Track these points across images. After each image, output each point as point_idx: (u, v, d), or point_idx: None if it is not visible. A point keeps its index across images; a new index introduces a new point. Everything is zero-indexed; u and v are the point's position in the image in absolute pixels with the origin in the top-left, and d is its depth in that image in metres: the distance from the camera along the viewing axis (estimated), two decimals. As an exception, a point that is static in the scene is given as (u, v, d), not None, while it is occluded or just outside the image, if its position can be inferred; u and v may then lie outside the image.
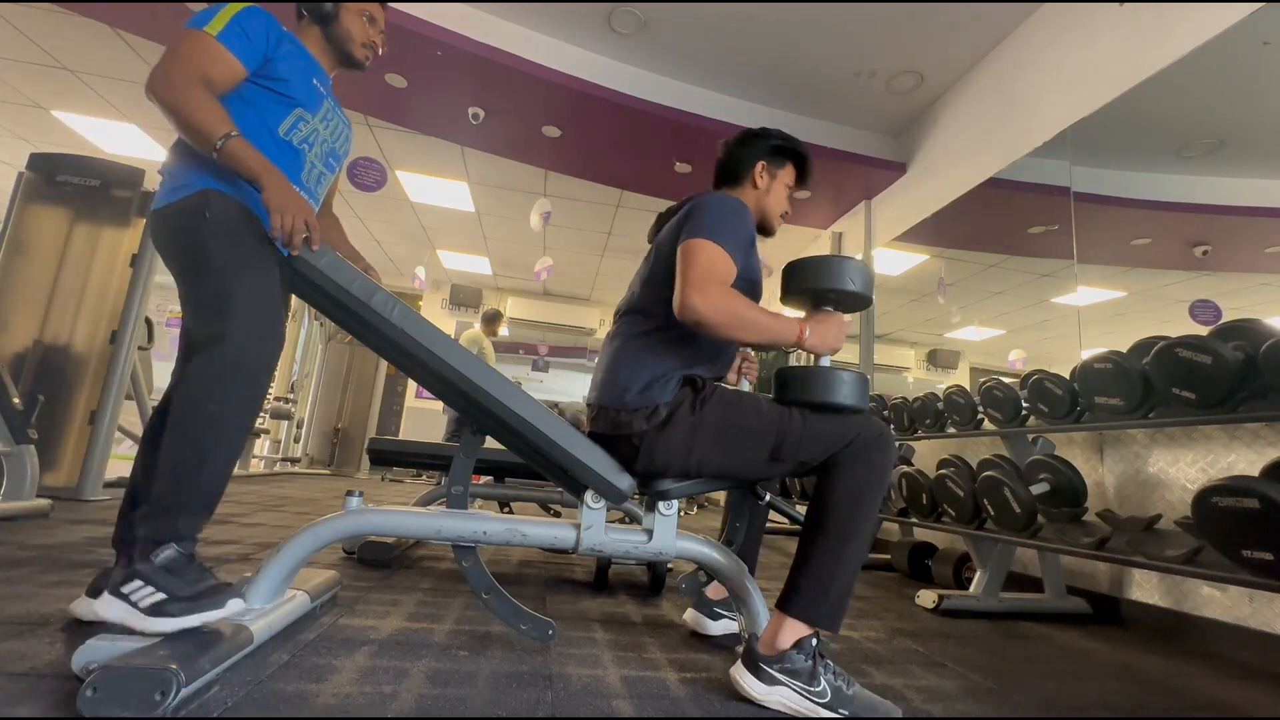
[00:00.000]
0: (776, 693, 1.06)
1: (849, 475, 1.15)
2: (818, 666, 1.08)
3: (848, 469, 1.16)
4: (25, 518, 2.33)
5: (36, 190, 3.25)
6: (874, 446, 1.17)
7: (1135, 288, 3.11)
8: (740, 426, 1.21)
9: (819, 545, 1.13)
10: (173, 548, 1.04)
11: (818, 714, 1.05)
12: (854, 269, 1.23)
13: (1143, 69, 2.39)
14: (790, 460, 1.19)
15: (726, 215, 1.26)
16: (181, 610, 0.99)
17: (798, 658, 1.08)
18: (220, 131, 1.05)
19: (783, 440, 1.19)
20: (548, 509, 2.88)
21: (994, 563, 2.05)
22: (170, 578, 1.01)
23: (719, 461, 1.23)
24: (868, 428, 1.18)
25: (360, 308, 1.17)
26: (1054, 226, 2.91)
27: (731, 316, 1.16)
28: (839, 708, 1.05)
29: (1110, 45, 2.58)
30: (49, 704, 0.85)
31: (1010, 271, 4.01)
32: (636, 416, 1.22)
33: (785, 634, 1.10)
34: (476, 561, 1.30)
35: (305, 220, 1.08)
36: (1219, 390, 1.45)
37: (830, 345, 1.24)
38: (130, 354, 3.21)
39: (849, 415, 1.20)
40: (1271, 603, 1.65)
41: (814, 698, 1.05)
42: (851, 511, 1.13)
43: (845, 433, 1.18)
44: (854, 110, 3.94)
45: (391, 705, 0.94)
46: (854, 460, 1.16)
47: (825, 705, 1.05)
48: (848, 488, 1.15)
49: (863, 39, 3.29)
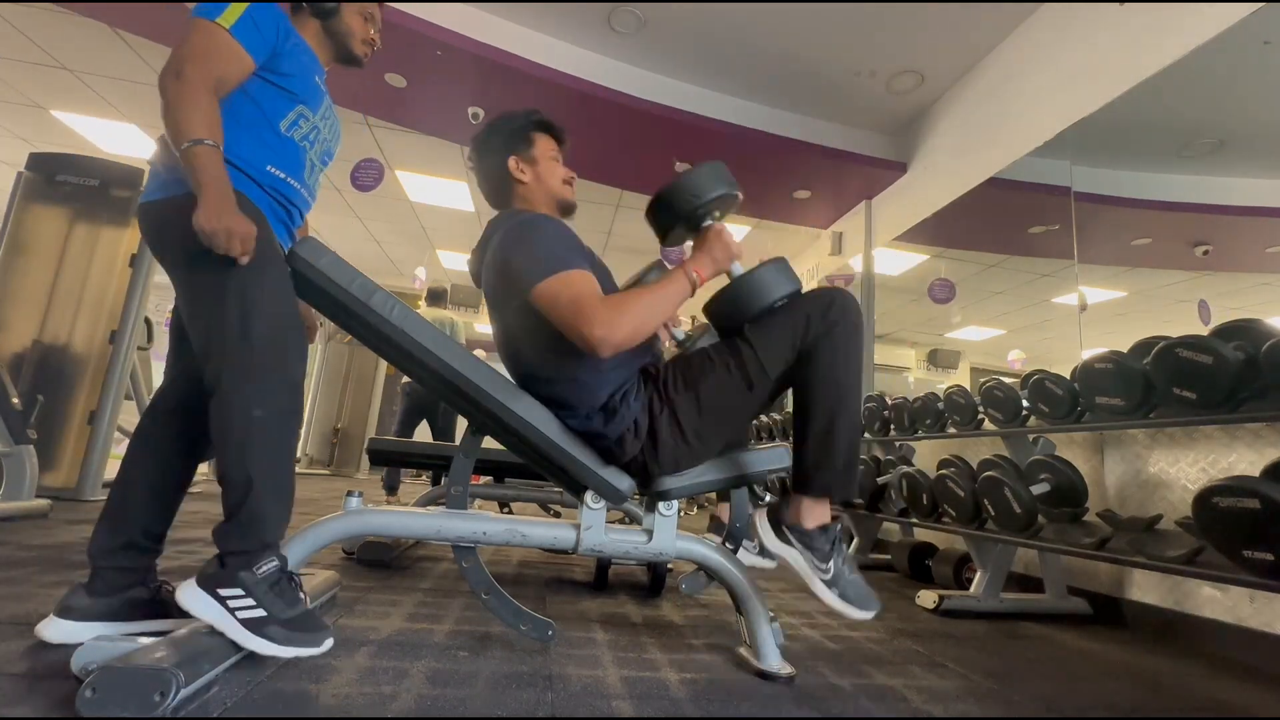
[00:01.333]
0: (788, 552, 1.19)
1: (818, 357, 1.16)
2: (834, 552, 1.17)
3: (815, 352, 1.16)
4: (25, 518, 2.33)
5: (36, 190, 3.25)
6: (831, 319, 1.16)
7: (1135, 288, 3.11)
8: (707, 384, 1.21)
9: (812, 427, 1.17)
10: (275, 562, 1.04)
11: (814, 583, 1.17)
12: (698, 176, 1.20)
13: (1143, 69, 2.39)
14: (768, 378, 1.19)
15: (533, 242, 1.20)
16: (283, 637, 0.99)
17: (820, 539, 1.18)
18: (197, 134, 1.01)
19: (746, 368, 1.19)
20: (548, 509, 2.88)
21: (994, 563, 2.05)
22: (272, 596, 1.01)
23: (716, 427, 1.23)
24: (814, 304, 1.18)
25: (360, 308, 1.17)
26: (1054, 226, 2.91)
27: (636, 320, 1.11)
28: (834, 586, 1.16)
29: (1110, 45, 2.58)
30: (49, 704, 0.85)
31: (1010, 271, 4.01)
32: (625, 442, 1.21)
33: (807, 515, 1.18)
34: (476, 562, 1.30)
35: (241, 240, 1.01)
36: (1219, 390, 1.45)
37: (725, 259, 1.21)
38: (130, 354, 3.21)
39: (791, 305, 1.20)
40: (1272, 603, 1.65)
41: (819, 572, 1.17)
42: (831, 388, 1.16)
43: (795, 321, 1.17)
44: (854, 110, 3.94)
45: (391, 705, 0.94)
46: (817, 341, 1.16)
47: (826, 582, 1.16)
48: (820, 369, 1.16)
49: (863, 39, 3.29)
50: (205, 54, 1.07)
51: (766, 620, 1.26)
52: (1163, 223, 2.86)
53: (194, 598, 0.99)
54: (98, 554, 1.14)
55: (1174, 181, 2.71)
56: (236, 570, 1.01)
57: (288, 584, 1.05)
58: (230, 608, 0.99)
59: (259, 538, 1.04)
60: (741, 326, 1.20)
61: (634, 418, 1.20)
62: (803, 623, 1.73)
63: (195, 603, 0.99)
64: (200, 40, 1.08)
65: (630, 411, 1.20)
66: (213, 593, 0.99)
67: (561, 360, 1.21)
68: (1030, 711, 1.18)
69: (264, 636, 0.98)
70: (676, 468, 1.25)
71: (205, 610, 0.99)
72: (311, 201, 1.33)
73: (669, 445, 1.21)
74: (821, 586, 1.16)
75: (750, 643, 1.28)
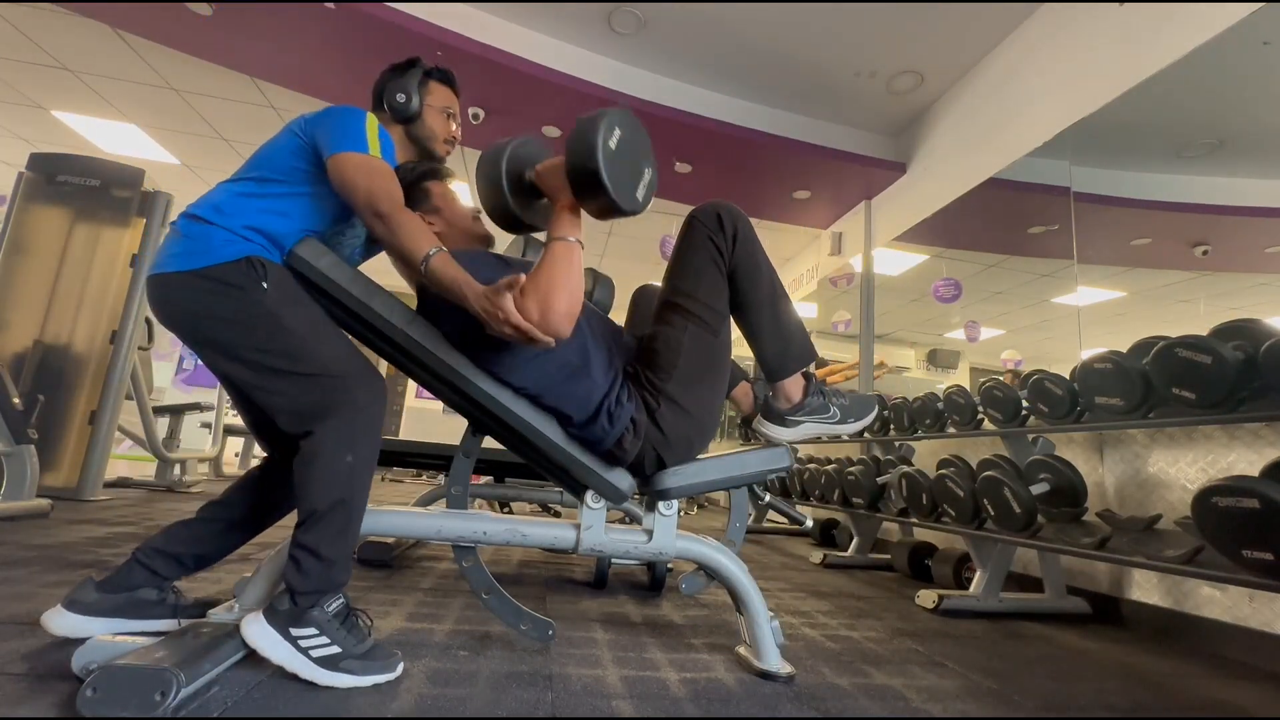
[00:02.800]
0: (801, 429, 1.33)
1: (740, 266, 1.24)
2: (826, 400, 1.35)
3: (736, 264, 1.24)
4: (25, 518, 2.33)
5: (37, 190, 3.25)
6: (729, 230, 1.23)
7: (1135, 288, 3.12)
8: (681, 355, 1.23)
9: (761, 321, 1.27)
10: (341, 599, 1.05)
11: (834, 430, 1.34)
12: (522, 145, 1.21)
13: (1143, 69, 2.39)
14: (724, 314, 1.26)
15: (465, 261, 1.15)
16: (360, 669, 1.00)
17: (813, 400, 1.33)
18: (426, 248, 1.07)
19: (702, 318, 1.23)
20: (548, 509, 2.88)
21: (994, 563, 2.05)
22: (343, 632, 1.02)
23: (711, 387, 1.28)
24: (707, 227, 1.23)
25: (360, 308, 1.17)
26: (1054, 226, 2.91)
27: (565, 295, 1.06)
28: (848, 419, 1.35)
29: (1110, 45, 2.58)
30: (49, 704, 0.85)
31: (1010, 271, 4.01)
32: (625, 442, 1.20)
33: (792, 390, 1.33)
34: (476, 562, 1.30)
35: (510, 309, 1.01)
36: (1219, 390, 1.45)
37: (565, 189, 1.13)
38: (130, 354, 3.21)
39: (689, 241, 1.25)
40: (1272, 603, 1.65)
41: (828, 420, 1.34)
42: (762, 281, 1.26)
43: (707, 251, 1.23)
44: (854, 110, 3.94)
45: (391, 705, 0.94)
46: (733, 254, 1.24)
47: (838, 422, 1.34)
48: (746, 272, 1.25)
49: (863, 39, 3.29)
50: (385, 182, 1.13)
51: (766, 620, 1.26)
52: (1162, 223, 2.86)
53: (263, 635, 0.99)
54: (144, 550, 1.16)
55: (1174, 181, 2.72)
56: (307, 609, 1.01)
57: (354, 619, 1.06)
58: (302, 647, 0.99)
59: (332, 584, 1.04)
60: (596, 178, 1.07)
61: (629, 417, 1.20)
62: (803, 622, 1.73)
63: (263, 641, 0.99)
64: (369, 174, 1.12)
65: (625, 412, 1.19)
66: (284, 632, 0.99)
67: (546, 374, 1.19)
68: (1030, 711, 1.18)
69: (341, 671, 0.99)
70: (691, 447, 1.27)
71: (274, 649, 0.99)
72: None
73: (677, 428, 1.21)
74: (840, 428, 1.34)
75: (750, 642, 1.29)
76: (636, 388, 1.23)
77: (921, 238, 3.93)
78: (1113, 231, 2.92)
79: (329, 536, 1.03)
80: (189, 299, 1.10)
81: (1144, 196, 2.79)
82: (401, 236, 1.09)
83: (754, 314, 1.27)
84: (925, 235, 3.87)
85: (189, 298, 1.10)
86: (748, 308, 1.27)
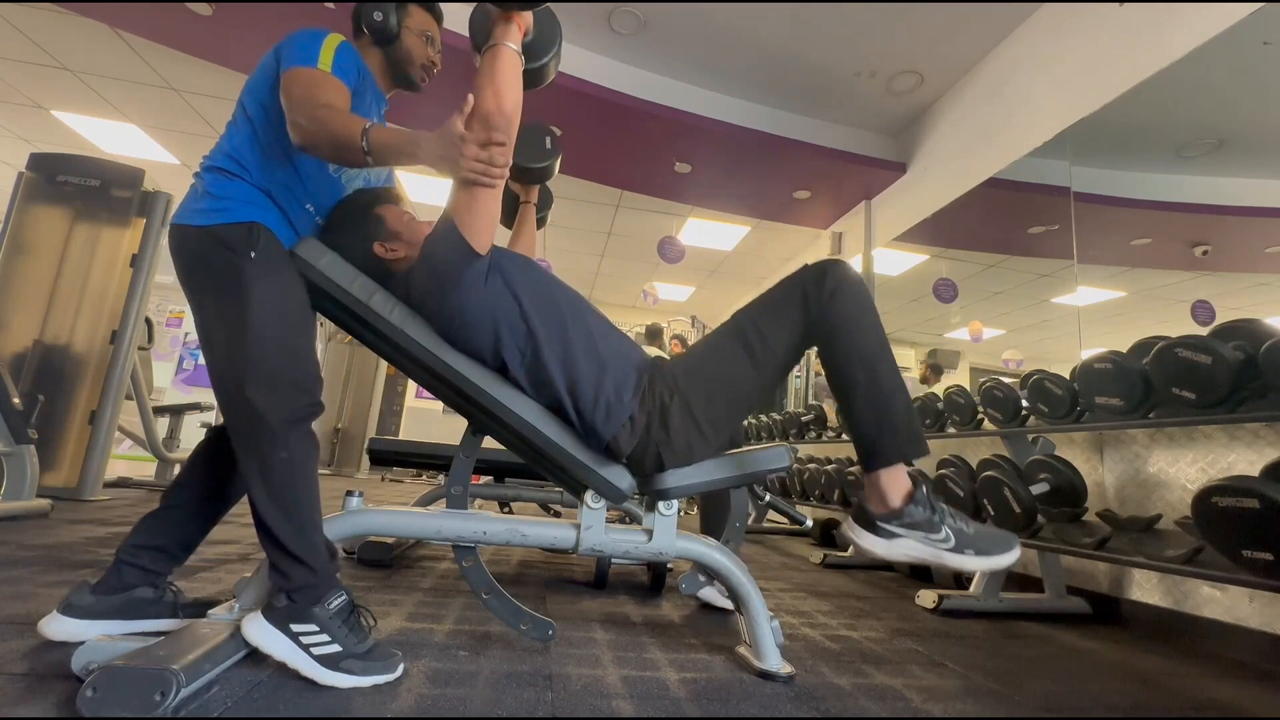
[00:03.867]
0: (900, 545, 1.06)
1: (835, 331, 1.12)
2: (935, 515, 1.07)
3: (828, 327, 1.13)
4: (25, 518, 2.33)
5: (37, 190, 3.25)
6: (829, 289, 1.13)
7: (1135, 288, 3.11)
8: (715, 369, 1.19)
9: (859, 399, 1.11)
10: (344, 596, 1.05)
11: (946, 560, 1.05)
12: None
13: (1143, 69, 2.39)
14: (774, 356, 1.17)
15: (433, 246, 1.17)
16: (361, 669, 0.99)
17: (915, 511, 1.07)
18: (359, 126, 1.04)
19: (751, 349, 1.16)
20: (548, 509, 2.88)
21: (994, 563, 2.05)
22: (345, 631, 1.01)
23: (727, 410, 1.20)
24: (808, 278, 1.15)
25: (360, 308, 1.17)
26: (1054, 226, 2.91)
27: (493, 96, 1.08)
28: (965, 549, 1.06)
29: (1110, 45, 2.58)
30: (49, 704, 0.85)
31: (1010, 271, 4.01)
32: (621, 439, 1.19)
33: (890, 488, 1.09)
34: (476, 562, 1.30)
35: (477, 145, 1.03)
36: (1219, 390, 1.45)
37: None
38: (130, 354, 3.21)
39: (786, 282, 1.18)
40: (1272, 603, 1.65)
41: (939, 544, 1.05)
42: (861, 355, 1.11)
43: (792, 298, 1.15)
44: (854, 110, 3.94)
45: (391, 705, 0.94)
46: (825, 315, 1.13)
47: (952, 550, 1.05)
48: (842, 341, 1.12)
49: (863, 39, 3.29)
50: (321, 89, 1.09)
51: (766, 619, 1.26)
52: (1162, 223, 2.86)
53: (262, 632, 0.99)
54: (125, 549, 1.14)
55: (1173, 181, 2.72)
56: (309, 605, 1.00)
57: (356, 618, 1.06)
58: (304, 644, 0.98)
59: (314, 573, 1.03)
60: None
61: (629, 413, 1.18)
62: (803, 622, 1.73)
63: (263, 637, 0.98)
64: (307, 84, 1.09)
65: (624, 407, 1.18)
66: (284, 629, 0.99)
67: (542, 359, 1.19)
68: (1030, 711, 1.18)
69: (341, 671, 0.98)
70: (691, 453, 1.22)
71: (275, 646, 0.98)
72: None
73: (681, 430, 1.19)
74: (955, 558, 1.06)
75: (750, 642, 1.29)
76: (655, 379, 1.21)
77: (921, 238, 3.93)
78: (1112, 231, 2.92)
79: (286, 533, 1.03)
80: (195, 251, 1.12)
81: (1144, 196, 2.79)
82: (333, 127, 1.05)
83: (847, 381, 1.12)
84: (925, 235, 3.87)
85: (194, 250, 1.12)
86: (839, 371, 1.14)
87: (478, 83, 1.10)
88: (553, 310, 1.20)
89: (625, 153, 4.08)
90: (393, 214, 1.27)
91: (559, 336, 1.18)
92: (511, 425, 1.21)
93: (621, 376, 1.21)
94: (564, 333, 1.19)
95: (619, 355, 1.24)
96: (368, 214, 1.25)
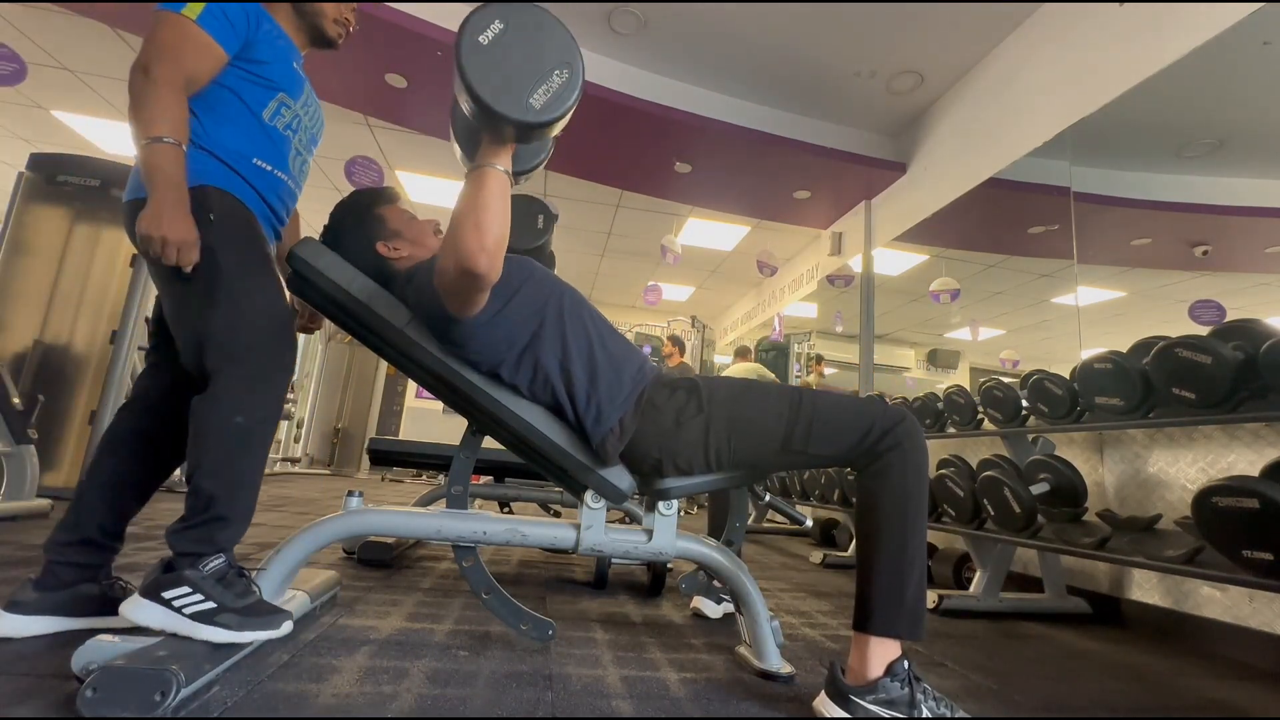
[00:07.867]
0: None
1: (886, 471, 1.06)
2: (916, 693, 0.97)
3: (880, 466, 1.07)
4: (25, 518, 2.33)
5: (37, 190, 3.25)
6: (897, 435, 1.06)
7: (1135, 288, 3.12)
8: (751, 414, 1.14)
9: (883, 552, 1.04)
10: (222, 558, 1.03)
11: None
12: None
13: (1143, 69, 2.39)
14: (806, 450, 1.10)
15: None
16: (237, 624, 0.97)
17: (892, 686, 0.97)
18: (157, 131, 0.98)
19: (793, 427, 1.10)
20: (548, 509, 2.88)
21: (994, 563, 2.05)
22: (220, 588, 0.99)
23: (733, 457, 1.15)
24: (883, 414, 1.09)
25: (359, 308, 1.17)
26: (1054, 226, 2.91)
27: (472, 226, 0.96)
28: None
29: (1110, 45, 2.58)
30: (49, 704, 0.85)
31: (1010, 271, 4.02)
32: (609, 444, 1.17)
33: (873, 659, 1.00)
34: (476, 562, 1.30)
35: (177, 249, 0.99)
36: (1219, 390, 1.45)
37: None
38: (130, 354, 3.21)
39: (862, 405, 1.12)
40: (1272, 603, 1.65)
41: None
42: (900, 509, 1.05)
43: (860, 421, 1.08)
44: (854, 110, 3.94)
45: (391, 705, 0.94)
46: (880, 453, 1.07)
47: None
48: (889, 486, 1.06)
49: (862, 39, 3.29)
50: (173, 49, 1.03)
51: (766, 620, 1.26)
52: (1162, 223, 2.87)
53: (138, 609, 0.96)
54: (51, 547, 1.12)
55: (1174, 181, 2.72)
56: (181, 570, 0.99)
57: (236, 578, 1.03)
58: (176, 607, 0.96)
59: (215, 544, 1.02)
60: None
61: (620, 415, 1.17)
62: (803, 622, 1.73)
63: (140, 613, 0.96)
64: (167, 35, 1.04)
65: (615, 409, 1.17)
66: (156, 598, 0.96)
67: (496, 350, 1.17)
68: (1030, 711, 1.18)
69: (216, 625, 0.96)
70: (690, 468, 1.19)
71: (150, 618, 0.95)
72: (298, 192, 1.30)
73: (688, 448, 1.16)
74: None
75: (750, 642, 1.29)
76: (680, 389, 1.19)
77: (921, 238, 3.93)
78: (1113, 232, 2.92)
79: (220, 494, 1.01)
80: None
81: (1144, 196, 2.79)
82: (141, 104, 0.99)
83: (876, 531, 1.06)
84: (925, 235, 3.87)
85: None
86: (872, 516, 1.07)
87: (458, 209, 0.98)
88: (553, 312, 1.20)
89: (625, 153, 4.08)
90: (394, 213, 1.26)
91: (558, 338, 1.18)
92: (511, 426, 1.21)
93: (614, 380, 1.19)
94: (563, 335, 1.18)
95: (615, 358, 1.23)
96: (369, 214, 1.25)
